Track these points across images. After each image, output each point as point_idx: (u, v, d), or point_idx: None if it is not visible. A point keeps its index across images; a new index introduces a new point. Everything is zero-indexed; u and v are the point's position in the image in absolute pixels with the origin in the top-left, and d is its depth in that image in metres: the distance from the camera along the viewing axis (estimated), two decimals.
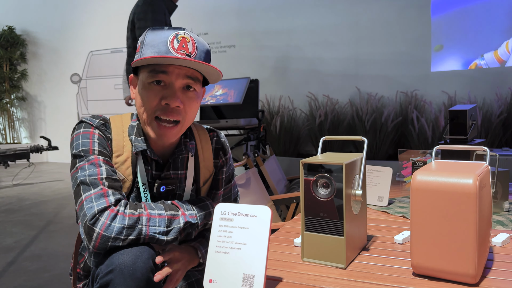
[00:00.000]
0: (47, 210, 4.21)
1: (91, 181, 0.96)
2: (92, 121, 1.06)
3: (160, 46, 0.99)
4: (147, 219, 0.93)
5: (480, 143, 2.17)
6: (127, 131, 1.09)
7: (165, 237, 0.95)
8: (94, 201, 0.92)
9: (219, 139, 1.24)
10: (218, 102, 4.91)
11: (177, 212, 0.99)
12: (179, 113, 1.03)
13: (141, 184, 1.06)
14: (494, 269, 0.91)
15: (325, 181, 0.96)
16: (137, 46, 1.06)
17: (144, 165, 1.08)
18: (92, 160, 0.99)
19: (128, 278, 0.83)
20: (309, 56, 6.13)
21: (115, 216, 0.91)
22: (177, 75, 1.01)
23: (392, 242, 1.12)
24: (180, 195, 1.14)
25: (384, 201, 1.63)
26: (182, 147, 1.12)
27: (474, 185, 0.80)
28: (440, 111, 4.96)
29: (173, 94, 1.01)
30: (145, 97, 1.02)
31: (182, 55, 0.99)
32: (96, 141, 1.03)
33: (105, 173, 0.98)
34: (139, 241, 0.92)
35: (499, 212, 1.48)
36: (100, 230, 0.89)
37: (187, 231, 0.99)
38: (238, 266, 0.81)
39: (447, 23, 5.37)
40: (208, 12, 6.94)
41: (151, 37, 1.02)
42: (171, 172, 1.11)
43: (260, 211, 0.83)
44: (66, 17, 8.14)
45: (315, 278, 0.89)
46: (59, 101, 8.39)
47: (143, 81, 1.03)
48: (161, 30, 1.03)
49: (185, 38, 1.01)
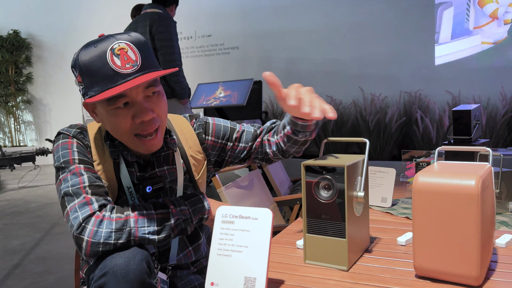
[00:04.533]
0: (52, 213, 4.23)
1: (74, 191, 0.96)
2: (69, 131, 1.07)
3: (104, 71, 0.93)
4: (134, 220, 0.92)
5: (484, 143, 2.15)
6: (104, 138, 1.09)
7: (156, 237, 0.93)
8: (79, 211, 0.92)
9: (199, 123, 1.21)
10: (221, 103, 4.92)
11: (167, 210, 0.97)
12: (155, 122, 1.01)
13: (127, 188, 1.06)
14: (497, 271, 0.90)
15: (327, 183, 0.96)
16: (76, 74, 0.99)
17: (128, 167, 1.08)
18: (73, 170, 0.99)
19: (121, 281, 0.83)
20: (313, 57, 6.12)
21: (101, 221, 0.90)
22: (137, 92, 0.98)
23: (395, 243, 1.12)
24: (173, 191, 1.13)
25: (387, 202, 1.62)
26: (163, 145, 1.11)
27: (476, 186, 0.80)
28: (444, 111, 4.94)
29: (143, 109, 0.98)
30: (115, 123, 0.99)
31: (130, 68, 0.94)
32: (75, 150, 1.03)
33: (87, 181, 0.98)
34: (130, 243, 0.91)
35: (504, 212, 1.47)
36: (88, 237, 0.89)
37: (180, 227, 0.97)
38: (239, 269, 0.81)
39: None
40: (212, 14, 6.95)
41: (87, 61, 0.95)
42: (157, 170, 1.11)
43: (261, 214, 0.83)
44: (71, 20, 8.19)
45: (317, 280, 0.89)
46: (64, 104, 8.44)
47: (105, 109, 0.99)
48: (92, 49, 0.95)
49: (123, 49, 0.95)
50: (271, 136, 1.22)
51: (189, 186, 1.18)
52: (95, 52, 0.94)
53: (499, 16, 5.09)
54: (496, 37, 5.12)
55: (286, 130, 1.12)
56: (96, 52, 0.94)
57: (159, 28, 3.50)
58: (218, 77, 6.62)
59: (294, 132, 1.11)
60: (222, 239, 0.84)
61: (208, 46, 6.99)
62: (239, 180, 2.11)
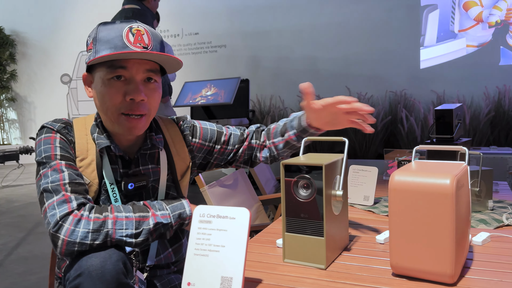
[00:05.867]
0: (35, 212, 4.17)
1: (53, 188, 0.95)
2: (53, 125, 1.05)
3: (116, 41, 0.98)
4: (113, 222, 0.91)
5: (466, 142, 2.18)
6: (90, 133, 1.08)
7: (134, 240, 0.92)
8: (57, 208, 0.91)
9: (186, 125, 1.22)
10: (208, 102, 4.90)
11: (147, 214, 0.96)
12: (144, 107, 1.03)
13: (109, 184, 1.05)
14: (473, 269, 0.92)
15: (306, 182, 0.96)
16: (89, 42, 1.03)
17: (111, 164, 1.07)
18: (54, 166, 0.98)
19: (97, 281, 0.82)
20: (300, 56, 6.14)
21: (78, 221, 0.89)
22: (137, 69, 1.01)
23: (374, 242, 1.12)
24: (155, 191, 1.12)
25: (370, 200, 1.63)
26: (147, 142, 1.11)
27: (451, 185, 0.80)
28: (429, 110, 4.99)
29: (137, 89, 1.00)
30: (106, 95, 1.01)
31: (139, 48, 0.98)
32: (57, 145, 1.02)
33: (67, 178, 0.97)
34: (107, 244, 0.90)
35: (483, 210, 1.49)
36: (65, 236, 0.88)
37: (159, 231, 0.96)
38: (216, 269, 0.81)
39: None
40: (199, 12, 6.92)
41: (104, 32, 1.00)
42: (141, 168, 1.10)
43: (239, 213, 0.83)
44: (56, 17, 8.08)
45: (295, 279, 0.89)
46: (49, 101, 8.33)
47: (102, 78, 1.01)
48: (113, 24, 1.01)
49: (140, 31, 1.00)
50: (261, 140, 1.26)
51: (172, 186, 1.17)
52: (114, 26, 1.00)
53: (484, 19, 5.15)
54: (481, 40, 5.18)
55: (288, 135, 1.19)
56: (115, 26, 1.00)
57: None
58: (205, 76, 6.60)
59: (298, 138, 1.18)
60: (199, 239, 0.84)
61: (195, 44, 6.96)
62: (223, 179, 2.10)
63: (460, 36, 5.27)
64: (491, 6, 5.10)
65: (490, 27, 5.13)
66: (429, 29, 5.44)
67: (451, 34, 5.32)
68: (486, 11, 5.13)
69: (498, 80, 5.00)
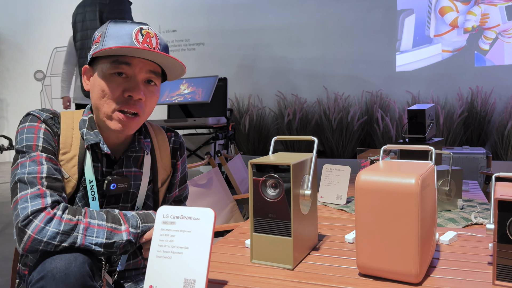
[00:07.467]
0: (6, 212, 4.05)
1: (29, 180, 0.91)
2: (40, 114, 1.01)
3: (125, 39, 0.98)
4: (84, 227, 0.88)
5: (439, 142, 2.21)
6: (77, 127, 1.04)
7: (102, 250, 0.89)
8: (29, 201, 0.88)
9: (177, 140, 1.22)
10: (186, 100, 4.86)
11: (120, 226, 0.93)
12: (140, 106, 1.02)
13: (88, 182, 1.02)
14: (438, 268, 0.92)
15: (274, 182, 0.95)
16: (97, 36, 1.03)
17: (94, 162, 1.04)
18: (34, 157, 0.94)
19: (60, 284, 0.79)
20: (278, 55, 6.14)
21: (50, 219, 0.86)
22: (141, 68, 1.01)
23: (343, 241, 1.12)
24: (135, 194, 1.10)
25: (342, 199, 1.64)
26: (135, 144, 1.09)
27: (416, 185, 0.80)
28: (404, 110, 5.07)
29: (136, 86, 1.00)
30: (106, 88, 0.99)
31: (146, 49, 0.97)
32: (41, 136, 0.98)
33: (45, 171, 0.93)
34: (73, 248, 0.87)
35: (453, 209, 1.51)
36: (32, 232, 0.84)
37: (126, 248, 0.93)
38: (179, 271, 0.78)
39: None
40: (177, 9, 6.85)
41: (114, 29, 1.00)
42: (124, 170, 1.08)
43: (204, 214, 0.81)
44: (29, 12, 7.87)
45: (261, 280, 0.88)
46: (22, 99, 8.11)
47: (104, 71, 1.00)
48: (124, 23, 1.01)
49: (149, 33, 1.01)
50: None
51: (150, 196, 1.15)
52: (125, 24, 1.01)
53: (459, 24, 5.24)
54: (456, 45, 5.27)
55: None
56: (126, 24, 1.01)
57: (111, 15, 3.31)
58: None
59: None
60: (162, 241, 0.81)
61: (173, 41, 6.88)
62: (196, 179, 2.08)
63: (435, 41, 5.36)
64: (465, 11, 5.20)
65: (465, 32, 5.23)
66: (405, 34, 5.50)
67: (427, 39, 5.40)
68: (462, 17, 5.22)
69: (471, 81, 5.11)
